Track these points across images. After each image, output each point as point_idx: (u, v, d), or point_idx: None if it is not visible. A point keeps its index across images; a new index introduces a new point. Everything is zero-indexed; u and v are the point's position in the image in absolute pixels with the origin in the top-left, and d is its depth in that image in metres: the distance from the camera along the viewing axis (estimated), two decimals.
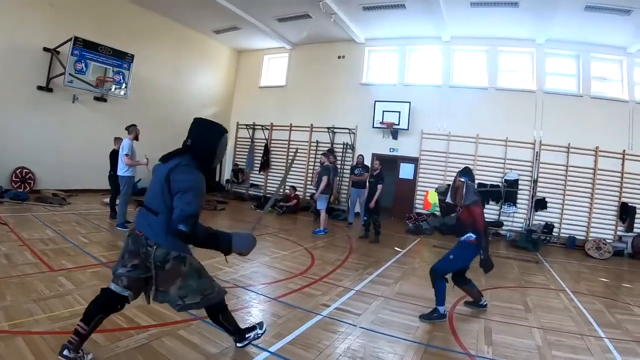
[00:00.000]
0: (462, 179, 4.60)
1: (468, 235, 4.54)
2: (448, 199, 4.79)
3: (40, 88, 10.68)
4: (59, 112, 11.21)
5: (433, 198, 11.99)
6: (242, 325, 3.36)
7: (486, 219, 11.08)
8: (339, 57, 14.60)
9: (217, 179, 17.11)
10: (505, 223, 11.68)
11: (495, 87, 12.42)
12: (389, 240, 9.43)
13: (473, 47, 12.98)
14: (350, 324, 4.06)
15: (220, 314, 3.08)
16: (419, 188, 12.81)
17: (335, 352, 3.43)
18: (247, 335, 3.26)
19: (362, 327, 4.00)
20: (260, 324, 3.38)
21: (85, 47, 10.80)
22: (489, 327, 4.28)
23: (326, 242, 8.68)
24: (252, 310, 4.34)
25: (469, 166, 12.22)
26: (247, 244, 2.75)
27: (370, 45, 14.19)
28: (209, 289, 2.90)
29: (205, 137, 2.88)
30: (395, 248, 8.56)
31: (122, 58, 11.78)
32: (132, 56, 11.99)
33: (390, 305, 4.76)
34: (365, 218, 9.46)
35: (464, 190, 4.54)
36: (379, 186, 9.04)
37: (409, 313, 4.58)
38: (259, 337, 3.31)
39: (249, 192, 15.92)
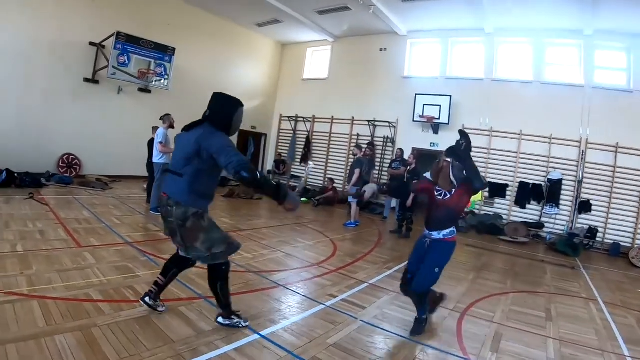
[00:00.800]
0: (448, 159, 3.80)
1: (451, 230, 3.78)
2: (428, 176, 4.03)
3: (86, 80, 11.28)
4: (105, 103, 11.78)
5: (473, 195, 11.67)
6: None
7: (526, 220, 10.79)
8: (380, 50, 14.39)
9: (259, 169, 17.47)
10: (546, 225, 11.05)
11: (540, 81, 11.70)
12: (418, 235, 9.17)
13: (517, 39, 12.31)
14: (352, 317, 4.01)
15: (219, 282, 3.32)
16: None
17: (327, 342, 3.42)
18: (232, 317, 3.41)
19: (363, 321, 3.94)
20: (246, 320, 3.49)
21: (128, 41, 11.26)
22: (500, 333, 4.01)
23: (355, 234, 8.65)
24: (256, 294, 4.41)
25: (499, 162, 11.90)
26: (293, 200, 3.12)
27: (413, 37, 13.87)
28: (230, 237, 3.34)
29: (223, 109, 3.27)
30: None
31: (164, 51, 12.16)
32: (174, 49, 12.34)
33: (399, 301, 4.57)
34: (400, 213, 9.28)
35: (450, 171, 3.73)
36: (414, 182, 8.84)
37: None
38: (238, 327, 3.42)
39: (290, 183, 16.03)
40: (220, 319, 3.44)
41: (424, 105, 12.64)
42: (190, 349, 3.00)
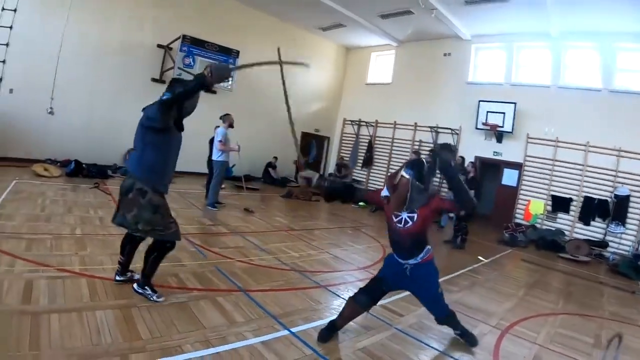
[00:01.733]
0: (407, 175, 3.17)
1: (426, 250, 3.39)
2: (385, 192, 3.38)
3: (154, 80, 12.03)
4: None
5: (535, 209, 11.18)
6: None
7: (590, 238, 10.16)
8: (444, 55, 14.15)
9: (321, 172, 17.70)
10: (610, 244, 10.27)
11: (609, 89, 10.86)
12: (477, 248, 8.96)
13: (584, 43, 11.51)
14: (387, 323, 4.01)
15: (154, 253, 3.60)
16: (520, 196, 11.90)
17: (355, 345, 3.46)
18: (145, 287, 3.63)
19: (397, 328, 3.92)
20: (160, 295, 3.64)
21: (193, 44, 11.89)
22: (539, 356, 3.79)
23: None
24: (296, 292, 4.53)
25: (564, 175, 11.24)
26: (220, 74, 3.29)
27: (477, 42, 13.51)
28: (160, 225, 3.49)
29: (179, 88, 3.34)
30: (479, 257, 8.06)
31: (228, 54, 12.68)
32: (238, 52, 12.86)
33: None
34: (456, 223, 9.03)
35: (409, 191, 3.16)
36: (471, 192, 8.60)
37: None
38: (150, 299, 3.58)
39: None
40: (135, 286, 3.67)
41: (488, 112, 12.29)
42: (220, 337, 3.18)
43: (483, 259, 7.93)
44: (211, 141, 9.25)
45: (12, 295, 3.27)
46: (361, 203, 12.68)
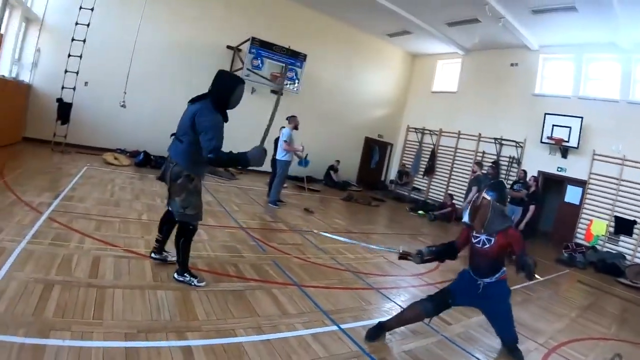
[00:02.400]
0: (488, 197, 3.33)
1: (502, 271, 3.45)
2: (465, 219, 3.63)
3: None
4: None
5: (597, 229, 10.65)
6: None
7: None
8: (511, 65, 13.70)
9: (382, 178, 17.76)
10: None
11: None
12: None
13: None
14: (434, 329, 3.97)
15: (182, 239, 3.73)
16: (583, 215, 11.28)
17: (401, 347, 3.48)
18: (185, 274, 3.77)
19: (444, 336, 3.89)
20: (201, 280, 3.80)
21: (262, 46, 12.32)
22: None
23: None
24: (348, 291, 4.61)
25: (629, 196, 10.54)
26: (257, 155, 3.50)
27: (545, 52, 12.99)
28: (201, 207, 3.80)
29: (222, 86, 3.68)
30: (534, 275, 7.84)
31: (296, 57, 13.03)
32: (305, 56, 13.17)
33: (488, 325, 4.29)
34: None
35: (489, 212, 3.29)
36: (531, 207, 8.37)
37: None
38: (191, 284, 3.72)
39: (411, 195, 15.99)
40: (175, 274, 3.79)
41: (553, 125, 11.81)
42: (272, 325, 3.31)
43: (538, 277, 7.63)
44: (276, 141, 9.51)
45: (80, 269, 3.58)
46: (420, 211, 12.62)
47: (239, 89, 3.69)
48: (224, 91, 3.64)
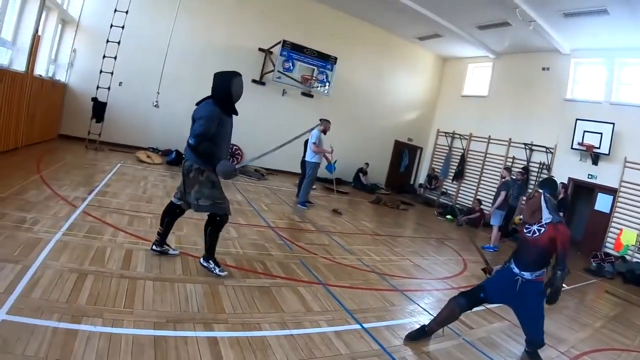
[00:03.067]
0: (540, 191, 3.56)
1: (542, 271, 3.52)
2: (520, 216, 3.80)
3: (254, 81, 12.80)
4: (270, 103, 13.23)
5: (627, 239, 10.38)
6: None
7: None
8: (543, 69, 13.45)
9: (411, 181, 17.74)
10: None
11: None
12: None
13: None
14: (456, 333, 3.98)
15: (210, 228, 3.90)
16: (613, 224, 10.97)
17: (421, 348, 3.50)
18: (209, 261, 3.97)
19: (465, 339, 3.89)
20: (223, 270, 3.97)
21: (293, 49, 12.41)
22: None
23: (490, 259, 8.29)
24: (372, 292, 4.65)
25: None
26: (224, 171, 3.61)
27: (577, 56, 12.69)
28: (219, 198, 3.88)
29: (220, 84, 3.87)
30: None
31: (326, 59, 13.09)
32: (335, 58, 13.22)
33: (511, 331, 4.35)
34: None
35: (542, 204, 3.48)
36: (560, 213, 8.22)
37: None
38: (213, 272, 3.92)
39: (440, 199, 15.92)
40: (201, 260, 4.01)
41: (584, 131, 11.56)
42: (296, 321, 3.40)
43: (565, 286, 7.52)
44: (305, 142, 9.61)
45: (113, 261, 3.75)
46: (449, 216, 12.56)
47: (236, 80, 3.88)
48: (223, 87, 3.83)
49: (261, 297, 3.70)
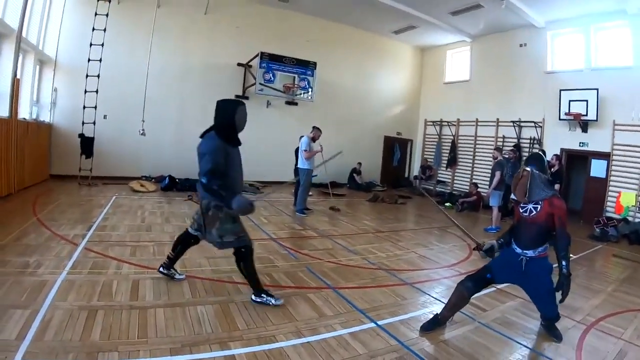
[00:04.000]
0: (528, 168, 3.49)
1: (545, 247, 3.51)
2: (513, 196, 3.76)
3: (237, 96, 12.72)
4: (255, 116, 12.92)
5: (626, 200, 10.45)
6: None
7: None
8: (520, 45, 13.52)
9: (405, 174, 17.82)
10: None
11: None
12: None
13: None
14: (470, 317, 3.99)
15: (241, 262, 3.79)
16: (610, 188, 11.02)
17: (439, 337, 3.52)
18: (262, 295, 3.85)
19: (480, 322, 3.90)
20: (278, 299, 3.84)
21: (271, 60, 12.45)
22: (625, 351, 3.57)
23: (493, 239, 8.30)
24: (382, 289, 4.66)
25: None
26: (242, 208, 3.45)
27: (552, 28, 12.75)
28: (241, 232, 3.80)
29: (223, 113, 3.77)
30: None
31: (306, 66, 13.12)
32: (315, 64, 13.25)
33: (524, 308, 4.34)
34: None
35: (528, 182, 3.45)
36: (556, 186, 8.27)
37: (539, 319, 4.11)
38: (269, 304, 3.78)
39: (436, 188, 15.95)
40: (252, 297, 3.86)
41: (570, 101, 11.61)
42: (311, 328, 3.41)
43: (572, 255, 7.53)
44: (296, 151, 9.66)
45: (121, 293, 3.75)
46: (447, 204, 12.61)
47: (239, 110, 3.77)
48: (227, 117, 3.74)
49: (273, 309, 3.71)
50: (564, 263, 3.36)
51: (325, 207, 10.26)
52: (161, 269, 4.18)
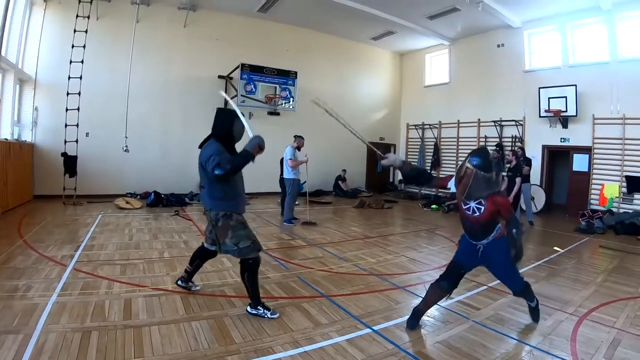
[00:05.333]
0: (471, 165, 3.31)
1: (497, 227, 3.51)
2: (452, 188, 3.61)
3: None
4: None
5: (610, 192, 10.65)
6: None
7: None
8: (498, 46, 13.78)
9: (390, 179, 17.93)
10: None
11: None
12: (552, 239, 8.68)
13: (638, 11, 10.57)
14: (464, 317, 4.03)
15: (246, 273, 3.77)
16: (594, 181, 11.26)
17: (435, 339, 3.54)
18: (258, 307, 3.80)
19: (475, 321, 3.93)
20: (274, 312, 3.81)
21: (252, 71, 12.55)
22: (618, 339, 3.64)
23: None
24: (375, 294, 4.67)
25: (636, 153, 10.46)
26: (258, 142, 3.55)
27: (528, 28, 13.02)
28: (254, 236, 3.81)
29: (222, 123, 3.78)
30: (555, 247, 7.78)
31: (287, 76, 13.24)
32: (296, 73, 13.37)
33: (517, 303, 4.36)
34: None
35: (470, 182, 3.31)
36: (517, 180, 8.39)
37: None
38: (264, 317, 3.75)
39: (422, 191, 16.08)
40: (248, 308, 3.84)
41: (549, 98, 11.86)
42: (307, 338, 3.40)
43: (559, 249, 7.66)
44: (281, 160, 9.65)
45: (114, 312, 3.70)
46: (433, 206, 12.70)
47: (236, 122, 3.80)
48: (225, 127, 3.76)
49: (268, 321, 3.70)
50: (514, 230, 3.37)
51: (313, 215, 10.13)
52: (179, 282, 4.29)
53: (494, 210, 3.35)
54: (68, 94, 10.24)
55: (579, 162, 11.86)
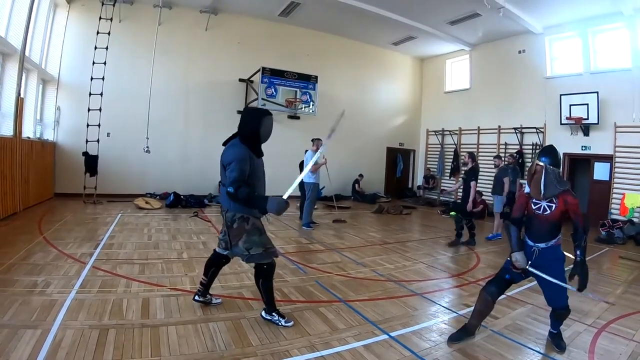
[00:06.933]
0: (541, 162, 3.35)
1: (557, 238, 3.43)
2: (527, 190, 3.52)
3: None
4: None
5: (631, 202, 10.45)
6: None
7: None
8: (519, 52, 13.61)
9: (409, 185, 17.88)
10: None
11: None
12: (571, 248, 8.42)
13: None
14: (482, 325, 3.93)
15: (261, 279, 3.66)
16: (615, 190, 11.03)
17: (452, 347, 3.48)
18: (273, 314, 3.73)
19: (492, 330, 3.88)
20: (289, 320, 3.71)
21: (273, 75, 12.65)
22: (637, 352, 3.55)
23: (500, 247, 8.26)
24: (393, 300, 4.64)
25: None
26: (277, 207, 3.26)
27: (550, 34, 12.81)
28: (269, 244, 3.66)
29: (249, 122, 3.61)
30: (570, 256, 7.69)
31: (307, 80, 13.32)
32: (316, 77, 13.45)
33: (535, 313, 4.34)
34: (467, 221, 8.42)
35: (542, 177, 3.33)
36: (472, 183, 8.27)
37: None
38: (278, 324, 3.66)
39: (440, 198, 15.98)
40: (263, 313, 3.79)
41: (570, 105, 11.66)
42: (323, 342, 3.38)
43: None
44: (301, 164, 9.70)
45: (132, 311, 3.73)
46: (452, 212, 12.54)
47: (266, 121, 3.63)
48: (252, 126, 3.58)
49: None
50: (578, 252, 3.33)
51: (331, 219, 10.25)
52: (196, 297, 4.01)
53: (564, 210, 3.33)
54: (90, 94, 10.40)
55: (600, 171, 11.64)
